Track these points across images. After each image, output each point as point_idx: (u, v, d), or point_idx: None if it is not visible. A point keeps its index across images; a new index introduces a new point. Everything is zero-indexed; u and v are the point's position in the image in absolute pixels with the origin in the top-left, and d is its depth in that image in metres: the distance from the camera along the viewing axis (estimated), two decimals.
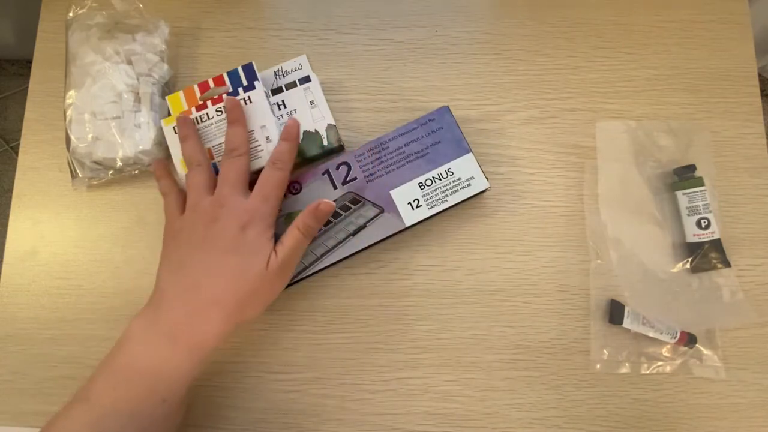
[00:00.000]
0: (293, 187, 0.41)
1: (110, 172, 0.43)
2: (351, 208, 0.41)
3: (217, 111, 0.41)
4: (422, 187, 0.41)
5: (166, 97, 0.43)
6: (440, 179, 0.41)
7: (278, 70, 0.44)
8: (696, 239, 0.41)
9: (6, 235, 0.44)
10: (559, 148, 0.45)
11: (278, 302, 0.42)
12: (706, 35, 0.46)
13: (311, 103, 0.43)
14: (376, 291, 0.43)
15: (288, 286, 0.40)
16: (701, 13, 0.47)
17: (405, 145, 0.41)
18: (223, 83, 0.43)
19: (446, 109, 0.42)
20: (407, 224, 0.40)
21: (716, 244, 0.41)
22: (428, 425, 0.41)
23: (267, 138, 0.41)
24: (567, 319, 0.42)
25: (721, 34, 0.46)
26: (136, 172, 0.44)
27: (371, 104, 0.46)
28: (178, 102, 0.43)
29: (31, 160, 0.46)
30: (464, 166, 0.41)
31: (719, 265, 0.41)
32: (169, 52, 0.46)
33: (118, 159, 0.42)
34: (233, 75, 0.43)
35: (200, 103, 0.42)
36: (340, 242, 0.40)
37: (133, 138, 0.42)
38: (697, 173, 0.42)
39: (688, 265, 0.42)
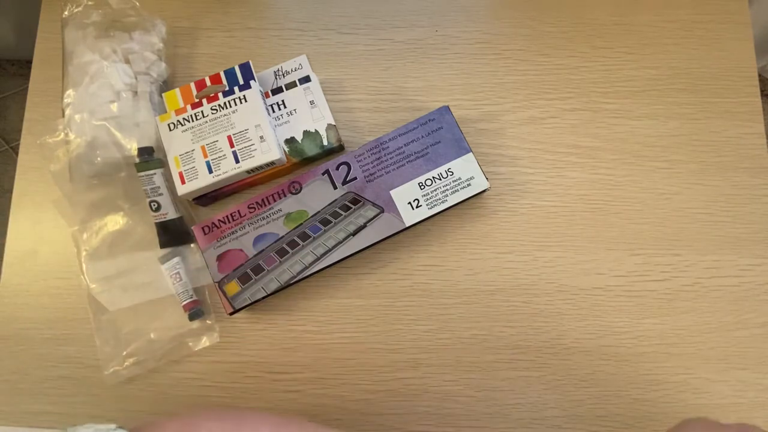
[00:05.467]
0: (293, 187, 0.41)
1: (110, 171, 0.43)
2: (351, 208, 0.41)
3: (212, 109, 0.41)
4: (422, 187, 0.41)
5: (163, 95, 0.43)
6: (440, 179, 0.41)
7: (278, 70, 0.44)
8: (155, 220, 0.42)
9: (6, 235, 0.44)
10: (559, 148, 0.45)
11: (278, 302, 0.42)
12: (706, 35, 0.46)
13: (311, 103, 0.43)
14: (376, 291, 0.43)
15: (288, 286, 0.40)
16: (701, 13, 0.47)
17: (405, 145, 0.41)
18: (220, 81, 0.43)
19: (446, 109, 0.42)
20: (407, 224, 0.40)
21: (174, 223, 0.42)
22: (428, 425, 0.41)
23: (261, 137, 0.41)
24: (567, 319, 0.42)
25: (721, 34, 0.46)
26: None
27: (371, 104, 0.46)
28: (174, 99, 0.43)
29: (31, 160, 0.46)
30: (464, 166, 0.41)
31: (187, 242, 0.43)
32: (166, 50, 0.46)
33: (118, 158, 0.42)
34: (230, 74, 0.43)
35: (196, 101, 0.42)
36: (340, 242, 0.40)
37: (133, 137, 0.42)
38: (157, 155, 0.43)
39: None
